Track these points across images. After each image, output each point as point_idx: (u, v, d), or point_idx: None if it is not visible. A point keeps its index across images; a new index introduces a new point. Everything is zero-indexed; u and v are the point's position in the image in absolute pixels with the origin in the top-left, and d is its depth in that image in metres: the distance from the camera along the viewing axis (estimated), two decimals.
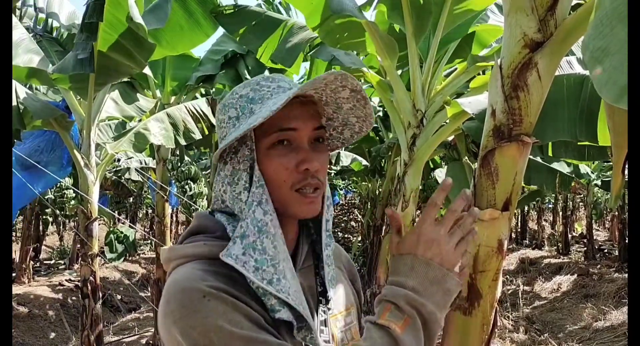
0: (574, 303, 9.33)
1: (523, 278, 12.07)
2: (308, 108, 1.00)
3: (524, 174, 5.17)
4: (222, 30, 5.08)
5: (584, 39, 1.05)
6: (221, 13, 4.51)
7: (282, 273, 0.93)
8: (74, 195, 11.21)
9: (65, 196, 11.46)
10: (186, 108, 5.85)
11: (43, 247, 14.11)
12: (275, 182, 0.98)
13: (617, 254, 12.89)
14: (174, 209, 16.05)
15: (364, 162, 9.22)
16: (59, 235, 15.87)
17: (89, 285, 4.87)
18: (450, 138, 5.86)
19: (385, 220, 7.80)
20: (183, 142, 5.63)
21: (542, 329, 7.91)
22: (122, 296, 10.39)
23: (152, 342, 7.10)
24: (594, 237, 15.68)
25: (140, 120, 5.96)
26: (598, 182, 13.07)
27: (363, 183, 10.95)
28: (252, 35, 4.34)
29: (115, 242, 11.72)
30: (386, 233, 3.72)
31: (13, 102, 4.29)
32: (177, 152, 10.41)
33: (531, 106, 1.63)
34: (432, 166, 10.13)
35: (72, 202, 11.32)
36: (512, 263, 14.05)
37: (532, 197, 13.15)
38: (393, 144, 7.92)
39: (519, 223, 21.38)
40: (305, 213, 1.01)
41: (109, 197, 13.72)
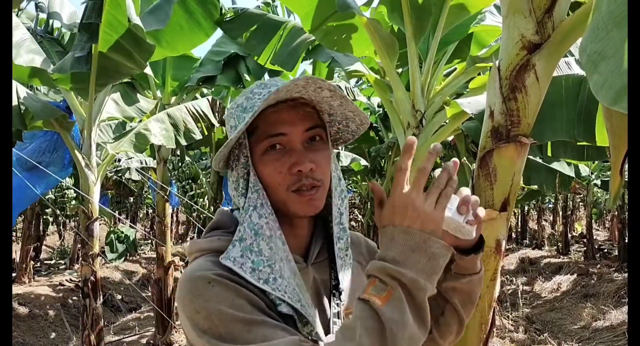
0: (574, 303, 9.35)
1: (523, 278, 12.09)
2: (298, 111, 1.03)
3: (522, 174, 5.20)
4: (221, 31, 5.09)
5: (581, 42, 1.06)
6: (223, 21, 4.53)
7: (279, 273, 0.97)
8: (74, 195, 11.23)
9: (66, 196, 11.49)
10: (186, 108, 5.87)
11: (43, 247, 14.11)
12: (271, 185, 1.03)
13: (617, 254, 12.91)
14: (175, 209, 16.07)
15: (364, 162, 9.22)
16: (60, 235, 15.88)
17: (89, 284, 4.88)
18: (450, 139, 5.88)
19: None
20: (184, 142, 5.65)
21: (542, 329, 7.93)
22: (123, 296, 10.40)
23: (152, 342, 7.11)
24: (594, 237, 15.68)
25: (141, 121, 5.97)
26: (598, 182, 13.09)
27: (363, 183, 10.97)
28: (254, 40, 4.35)
29: (116, 241, 11.75)
30: None
31: (14, 102, 4.30)
32: (178, 152, 10.43)
33: (529, 107, 1.64)
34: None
35: (73, 202, 11.34)
36: (512, 263, 14.07)
37: (532, 196, 13.17)
38: (393, 144, 7.94)
39: (519, 223, 21.40)
40: (305, 212, 1.03)
41: (110, 196, 13.75)
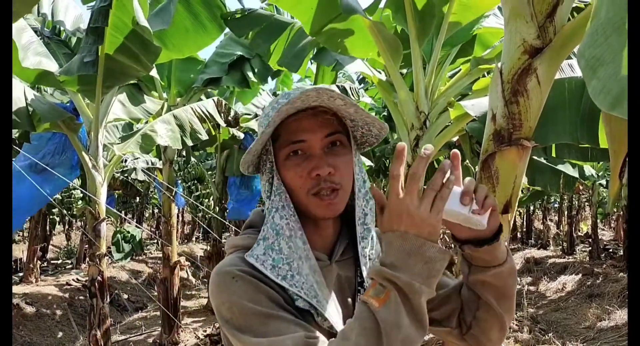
0: (579, 303, 9.33)
1: (528, 278, 12.07)
2: (317, 119, 1.09)
3: (527, 175, 5.18)
4: (226, 33, 5.12)
5: (580, 48, 1.08)
6: (230, 18, 4.56)
7: (297, 270, 1.05)
8: (81, 195, 11.29)
9: (73, 196, 11.55)
10: (192, 109, 5.90)
11: (50, 247, 14.20)
12: (293, 189, 1.10)
13: (622, 254, 12.87)
14: (180, 209, 16.12)
15: (369, 163, 9.24)
16: (66, 235, 15.95)
17: (96, 284, 4.92)
18: (454, 139, 5.89)
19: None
20: (190, 142, 5.68)
21: (547, 329, 7.92)
22: (129, 296, 10.45)
23: (158, 341, 7.14)
24: (600, 237, 15.64)
25: (147, 122, 6.01)
26: (603, 182, 13.07)
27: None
28: (260, 39, 4.38)
29: (122, 241, 11.80)
30: None
31: (22, 104, 4.35)
32: (184, 153, 10.48)
33: (531, 111, 1.66)
34: (436, 167, 10.14)
35: (80, 202, 11.40)
36: (517, 263, 13.93)
37: (537, 196, 13.15)
38: None
39: (524, 223, 21.36)
40: (324, 214, 1.10)
41: (116, 196, 13.80)
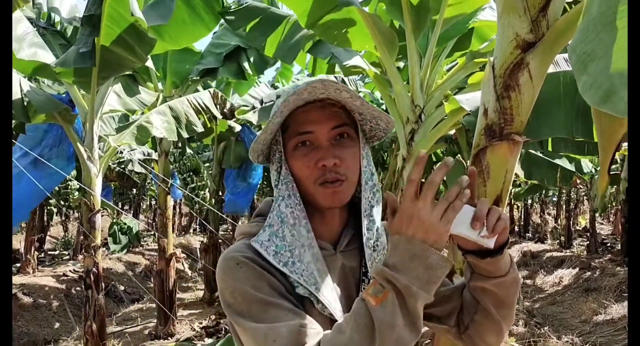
0: (575, 297, 9.35)
1: (525, 272, 12.10)
2: (325, 111, 1.13)
3: (523, 168, 5.16)
4: (222, 24, 5.10)
5: (572, 43, 1.07)
6: (226, 11, 4.54)
7: (298, 257, 1.09)
8: (77, 186, 11.28)
9: (69, 187, 11.54)
10: (188, 101, 5.89)
11: (47, 238, 14.20)
12: (301, 178, 1.14)
13: (620, 248, 12.89)
14: (178, 201, 16.12)
15: None
16: (64, 226, 15.96)
17: (92, 276, 4.93)
18: (452, 132, 5.88)
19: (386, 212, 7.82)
20: (185, 134, 5.67)
21: (543, 322, 7.94)
22: (126, 287, 10.46)
23: (154, 333, 7.16)
24: (598, 231, 15.66)
25: (143, 113, 5.99)
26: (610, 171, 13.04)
27: None
28: (257, 32, 4.36)
29: (119, 233, 11.81)
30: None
31: (17, 95, 4.33)
32: (179, 145, 10.46)
33: (522, 106, 1.65)
34: (434, 160, 10.14)
35: (76, 194, 11.39)
36: (514, 256, 14.04)
37: (535, 190, 13.17)
38: (396, 138, 7.95)
39: (522, 216, 21.39)
40: (329, 204, 1.13)
41: (113, 188, 13.79)
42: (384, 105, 9.02)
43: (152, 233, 16.52)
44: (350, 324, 0.94)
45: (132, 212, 19.69)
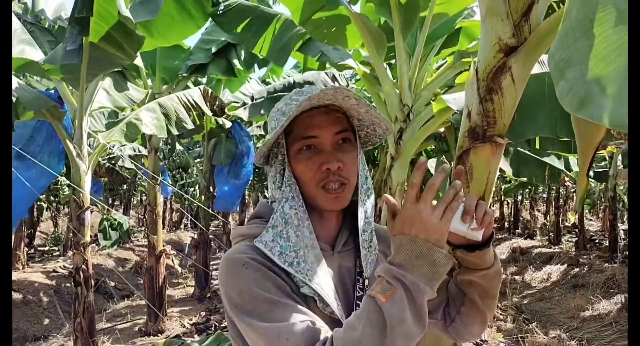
0: (563, 293, 9.42)
1: (514, 268, 12.17)
2: (329, 116, 1.17)
3: (512, 166, 5.19)
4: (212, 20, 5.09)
5: (551, 49, 1.09)
6: (216, 13, 4.53)
7: (302, 258, 1.11)
8: (67, 182, 11.23)
9: (59, 183, 11.49)
10: (178, 98, 5.87)
11: (37, 233, 14.13)
12: (303, 180, 1.17)
13: (608, 244, 12.98)
14: (168, 197, 16.08)
15: None
16: (54, 222, 15.89)
17: (81, 273, 4.91)
18: (441, 130, 5.91)
19: (377, 209, 7.84)
20: (175, 131, 5.66)
21: (531, 318, 8.00)
22: (116, 283, 10.45)
23: (144, 329, 7.16)
24: (586, 227, 15.76)
25: (133, 110, 5.97)
26: (590, 173, 13.15)
27: None
28: (248, 33, 4.36)
29: (109, 229, 11.77)
30: (377, 222, 3.78)
31: None
32: (169, 141, 10.43)
33: (505, 109, 1.67)
34: (425, 157, 10.16)
35: (66, 189, 11.35)
36: (503, 253, 14.16)
37: (524, 185, 13.24)
38: None
39: (512, 212, 21.48)
40: (331, 207, 1.18)
41: (103, 183, 13.74)
42: (372, 104, 9.04)
43: (143, 228, 16.49)
44: (362, 321, 0.98)
45: (122, 207, 19.63)
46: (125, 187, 16.90)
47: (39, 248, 13.24)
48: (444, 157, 5.65)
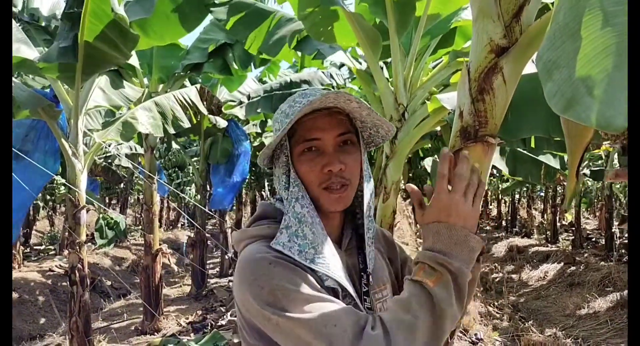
0: (559, 291, 9.45)
1: (511, 266, 12.19)
2: (332, 119, 1.20)
3: (508, 165, 5.19)
4: (209, 19, 5.09)
5: (539, 50, 1.10)
6: (213, 4, 4.53)
7: (322, 253, 1.15)
8: (63, 180, 11.21)
9: (55, 182, 11.47)
10: (174, 96, 5.87)
11: (34, 232, 14.13)
12: (306, 182, 1.20)
13: (604, 243, 13.02)
14: (165, 196, 16.07)
15: None
16: (50, 220, 15.87)
17: (77, 272, 4.91)
18: (437, 128, 5.91)
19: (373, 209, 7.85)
20: (172, 130, 5.66)
21: (527, 317, 8.03)
22: (113, 282, 10.44)
23: (140, 328, 7.16)
24: (583, 226, 15.78)
25: (130, 109, 5.97)
26: (587, 172, 13.18)
27: None
28: (242, 26, 4.38)
29: (106, 228, 11.73)
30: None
31: None
32: (165, 140, 10.42)
33: (496, 109, 1.67)
34: (422, 155, 10.18)
35: (62, 188, 11.32)
36: (500, 251, 14.19)
37: (522, 183, 13.24)
38: None
39: (509, 211, 21.52)
40: (334, 207, 1.21)
41: (100, 182, 13.71)
42: (368, 103, 9.03)
43: (140, 227, 16.49)
44: (413, 304, 1.04)
45: (119, 206, 19.61)
46: (122, 185, 16.88)
47: (35, 247, 13.22)
48: (432, 158, 5.65)
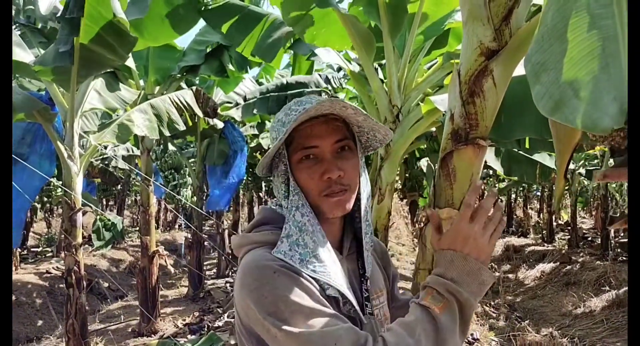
0: (556, 291, 9.47)
1: (507, 266, 12.21)
2: (329, 126, 1.20)
3: (503, 165, 5.21)
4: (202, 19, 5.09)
5: (528, 52, 1.12)
6: (205, 9, 4.53)
7: (323, 261, 1.13)
8: (60, 183, 11.20)
9: (52, 184, 11.47)
10: (170, 99, 5.86)
11: (31, 234, 14.09)
12: (306, 189, 1.20)
13: (600, 242, 13.06)
14: (162, 197, 16.07)
15: None
16: (47, 222, 15.84)
17: (73, 275, 4.91)
18: (433, 129, 5.93)
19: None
20: (167, 133, 5.65)
21: (524, 316, 8.04)
22: (110, 284, 10.43)
23: (137, 330, 7.16)
24: (580, 225, 15.82)
25: (126, 111, 5.97)
26: (582, 171, 13.24)
27: None
28: (235, 30, 4.37)
29: (103, 229, 11.75)
30: None
31: None
32: (162, 142, 10.42)
33: (486, 111, 1.69)
34: (418, 156, 10.21)
35: (59, 190, 11.33)
36: (496, 251, 14.21)
37: (518, 182, 13.26)
38: None
39: (506, 211, 21.55)
40: (335, 213, 1.20)
41: (97, 184, 13.71)
42: (363, 105, 9.05)
43: (137, 229, 16.46)
44: (418, 329, 1.04)
45: (116, 207, 19.58)
46: (119, 187, 16.87)
47: (32, 249, 13.20)
48: (428, 159, 5.67)
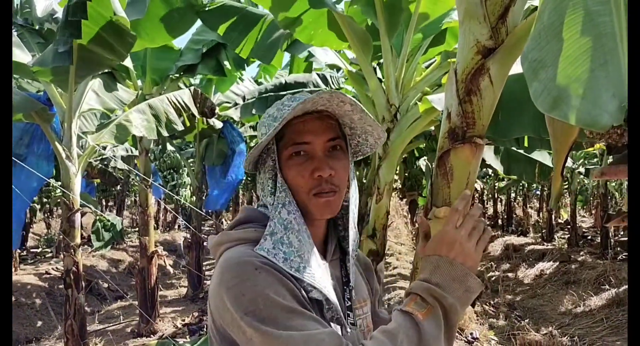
0: (555, 290, 9.47)
1: (507, 265, 12.21)
2: (322, 122, 1.16)
3: (502, 164, 5.21)
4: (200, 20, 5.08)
5: (524, 50, 1.12)
6: (202, 10, 4.52)
7: (308, 262, 1.09)
8: (59, 183, 11.19)
9: (51, 184, 11.46)
10: (168, 99, 5.85)
11: (30, 235, 14.08)
12: (294, 187, 1.15)
13: (600, 241, 13.06)
14: (161, 197, 16.06)
15: None
16: (46, 223, 15.83)
17: (71, 275, 4.91)
18: (431, 128, 5.92)
19: (367, 209, 7.88)
20: (165, 133, 5.64)
21: (523, 315, 8.04)
22: (109, 285, 10.42)
23: (136, 331, 7.16)
24: (579, 224, 15.81)
25: (124, 111, 5.96)
26: (582, 170, 13.24)
27: None
28: (233, 31, 4.35)
29: (102, 230, 11.74)
30: (367, 222, 3.82)
31: None
32: (160, 142, 10.42)
33: (483, 110, 1.68)
34: (417, 155, 10.20)
35: (58, 191, 11.32)
36: (496, 250, 14.20)
37: (517, 183, 13.28)
38: None
39: (505, 210, 21.55)
40: (323, 214, 1.17)
41: (96, 185, 13.70)
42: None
43: (136, 229, 16.45)
44: (400, 335, 1.00)
45: (116, 208, 19.57)
46: (118, 187, 16.86)
47: (32, 250, 13.19)
48: (426, 158, 5.67)
